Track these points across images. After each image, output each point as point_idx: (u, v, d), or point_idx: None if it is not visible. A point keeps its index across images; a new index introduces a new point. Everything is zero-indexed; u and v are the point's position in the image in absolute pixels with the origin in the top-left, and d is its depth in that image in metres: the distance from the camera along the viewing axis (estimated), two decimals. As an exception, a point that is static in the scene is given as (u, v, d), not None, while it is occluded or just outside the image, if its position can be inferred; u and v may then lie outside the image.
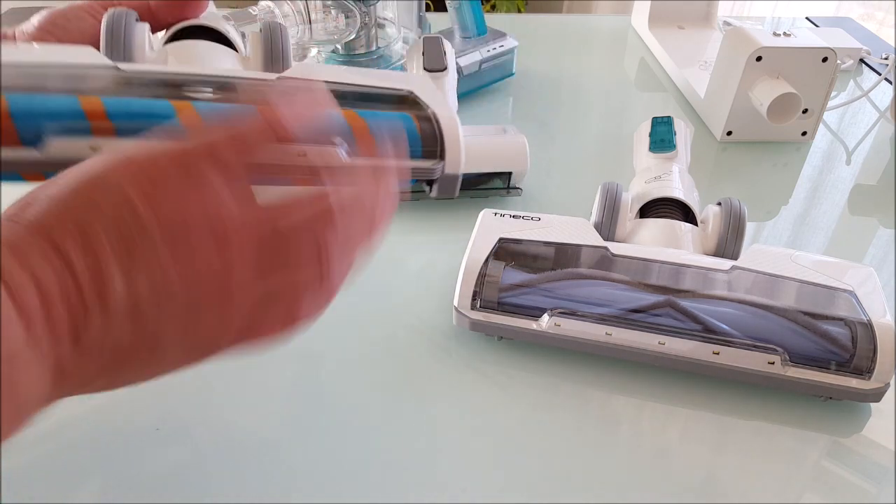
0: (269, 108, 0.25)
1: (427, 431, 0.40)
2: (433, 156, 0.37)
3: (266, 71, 0.37)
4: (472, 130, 0.63)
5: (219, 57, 0.36)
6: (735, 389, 0.42)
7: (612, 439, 0.40)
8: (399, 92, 0.38)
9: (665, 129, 0.55)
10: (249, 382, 0.42)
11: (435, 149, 0.37)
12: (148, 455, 0.38)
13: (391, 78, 0.39)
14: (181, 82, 0.33)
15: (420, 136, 0.37)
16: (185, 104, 0.33)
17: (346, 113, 0.36)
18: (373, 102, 0.37)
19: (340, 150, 0.32)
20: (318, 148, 0.30)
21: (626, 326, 0.42)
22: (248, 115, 0.25)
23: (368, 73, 0.38)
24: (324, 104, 0.26)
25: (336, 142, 0.32)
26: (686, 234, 0.46)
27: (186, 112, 0.32)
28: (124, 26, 0.35)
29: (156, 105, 0.32)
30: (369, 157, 0.31)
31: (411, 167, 0.37)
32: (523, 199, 0.61)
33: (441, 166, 0.37)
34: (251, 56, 0.38)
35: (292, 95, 0.26)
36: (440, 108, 0.38)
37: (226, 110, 0.32)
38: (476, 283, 0.43)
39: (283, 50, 0.37)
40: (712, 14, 0.96)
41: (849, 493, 0.37)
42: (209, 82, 0.33)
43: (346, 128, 0.35)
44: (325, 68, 0.38)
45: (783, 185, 0.65)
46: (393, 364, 0.44)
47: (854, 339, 0.39)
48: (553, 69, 0.88)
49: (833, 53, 0.65)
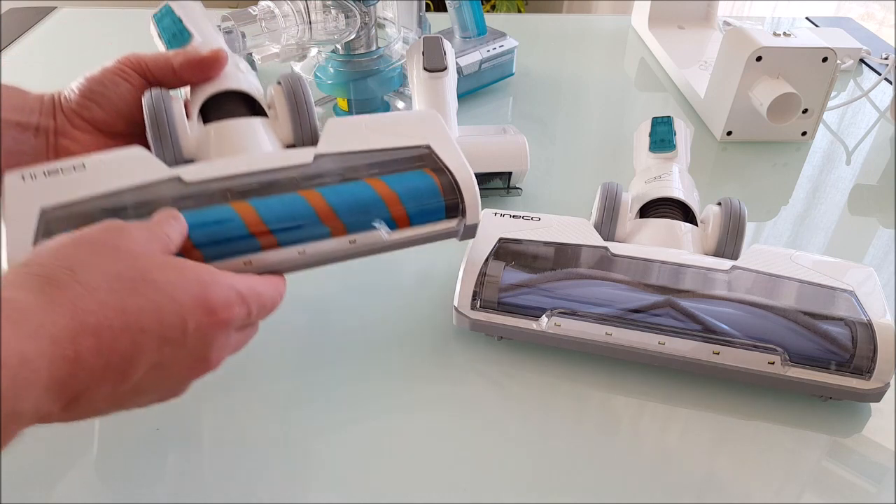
0: None
1: (427, 431, 0.40)
2: (454, 207, 0.41)
3: (294, 128, 0.40)
4: (472, 130, 0.63)
5: (255, 133, 0.40)
6: (735, 389, 0.42)
7: (612, 439, 0.40)
8: (418, 149, 0.41)
9: (665, 129, 0.55)
10: (249, 384, 0.42)
11: (455, 200, 0.41)
12: (148, 455, 0.38)
13: (408, 129, 0.42)
14: (236, 187, 0.38)
15: (441, 192, 0.41)
16: (244, 204, 0.37)
17: (375, 184, 0.39)
18: (394, 161, 0.41)
19: (382, 232, 0.39)
20: (365, 234, 0.38)
21: (626, 326, 0.42)
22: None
23: (385, 126, 0.42)
24: None
25: (376, 225, 0.38)
26: (686, 234, 0.46)
27: (247, 212, 0.37)
28: (165, 114, 0.38)
29: (220, 211, 0.37)
30: (404, 229, 0.40)
31: (439, 230, 0.41)
32: (523, 199, 0.61)
33: (463, 224, 0.41)
34: (279, 113, 0.41)
35: None
36: (455, 163, 0.41)
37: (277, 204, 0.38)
38: (476, 283, 0.43)
39: (307, 104, 0.40)
40: (712, 14, 0.96)
41: (849, 493, 0.37)
42: (258, 179, 0.38)
43: (380, 202, 0.39)
44: (348, 129, 0.41)
45: (783, 185, 0.65)
46: (393, 364, 0.44)
47: (854, 339, 0.39)
48: (553, 69, 0.88)
49: (833, 53, 0.65)
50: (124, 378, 0.28)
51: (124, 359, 0.28)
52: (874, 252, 0.56)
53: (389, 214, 0.39)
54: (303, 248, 0.37)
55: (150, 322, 0.28)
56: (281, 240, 0.37)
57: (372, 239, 0.39)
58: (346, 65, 0.66)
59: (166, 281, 0.29)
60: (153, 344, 0.29)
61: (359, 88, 0.67)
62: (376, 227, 0.38)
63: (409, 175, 0.40)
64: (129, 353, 0.28)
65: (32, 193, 0.35)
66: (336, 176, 0.39)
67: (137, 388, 0.30)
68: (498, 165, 0.59)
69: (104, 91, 0.40)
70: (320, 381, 0.43)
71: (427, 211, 0.40)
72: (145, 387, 0.30)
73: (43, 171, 0.35)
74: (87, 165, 0.36)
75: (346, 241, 0.38)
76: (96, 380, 0.27)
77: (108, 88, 0.40)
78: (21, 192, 0.35)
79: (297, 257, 0.37)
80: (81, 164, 0.36)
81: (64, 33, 0.96)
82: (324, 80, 0.66)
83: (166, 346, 0.29)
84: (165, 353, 0.29)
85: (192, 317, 0.30)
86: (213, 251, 0.36)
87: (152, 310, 0.28)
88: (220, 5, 0.90)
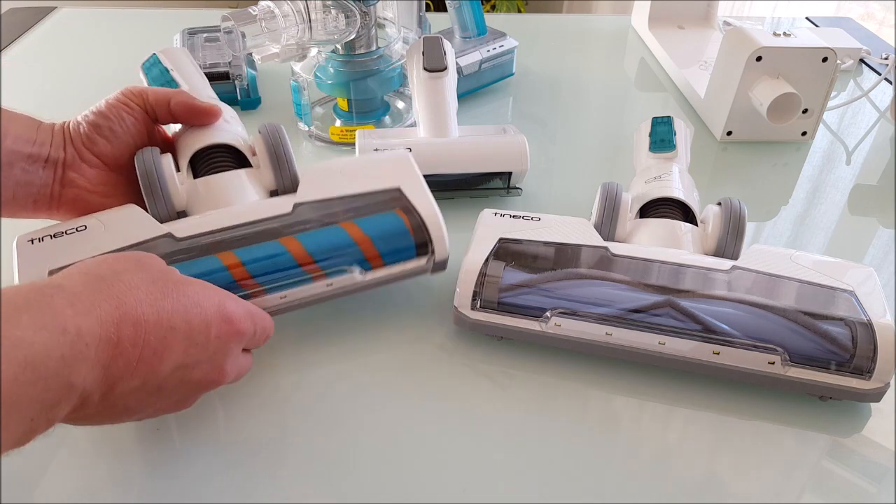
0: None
1: (427, 431, 0.40)
2: (424, 245, 0.44)
3: (275, 176, 0.44)
4: (472, 130, 0.63)
5: (241, 185, 0.44)
6: (735, 389, 0.42)
7: (612, 439, 0.40)
8: (389, 192, 0.45)
9: (665, 129, 0.55)
10: (249, 384, 0.42)
11: (424, 239, 0.44)
12: (148, 455, 0.38)
13: (380, 172, 0.46)
14: (222, 239, 0.42)
15: (410, 232, 0.44)
16: (229, 255, 0.41)
17: (350, 228, 0.43)
18: (367, 205, 0.44)
19: (356, 274, 0.43)
20: (341, 277, 0.42)
21: (626, 326, 0.42)
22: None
23: (359, 171, 0.46)
24: None
25: (350, 269, 0.42)
26: (686, 234, 0.46)
27: (232, 262, 0.41)
28: (157, 174, 0.42)
29: (207, 262, 0.41)
30: (377, 269, 0.43)
31: (410, 269, 0.44)
32: (523, 199, 0.61)
33: (432, 260, 0.45)
34: (261, 161, 0.45)
35: None
36: (422, 202, 0.44)
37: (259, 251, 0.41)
38: (476, 283, 0.43)
39: (286, 154, 0.44)
40: (712, 14, 0.96)
41: (849, 493, 0.37)
42: (242, 231, 0.42)
43: (354, 246, 0.43)
44: (325, 176, 0.45)
45: (783, 185, 0.65)
46: (393, 364, 0.44)
47: (854, 339, 0.39)
48: (553, 69, 0.88)
49: (833, 53, 0.65)
50: (153, 373, 0.31)
51: (155, 353, 0.31)
52: (874, 252, 0.56)
53: (363, 256, 0.43)
54: (284, 294, 0.41)
55: (179, 322, 0.32)
56: (264, 285, 0.41)
57: (348, 281, 0.43)
58: (346, 65, 0.66)
59: (193, 291, 0.33)
60: (181, 344, 0.32)
61: (359, 88, 0.67)
62: (350, 272, 0.42)
63: (380, 217, 0.44)
64: (160, 349, 0.31)
65: (41, 256, 0.39)
66: (314, 222, 0.43)
67: (161, 388, 0.32)
68: (498, 165, 0.59)
69: (111, 126, 0.43)
70: (320, 381, 0.43)
71: (398, 250, 0.44)
72: (167, 389, 0.33)
73: (49, 235, 0.40)
74: (88, 227, 0.40)
75: (324, 285, 0.42)
76: (130, 370, 0.30)
77: (114, 123, 0.43)
78: (31, 255, 0.39)
79: (280, 302, 0.42)
80: (83, 226, 0.40)
81: (64, 33, 0.96)
82: (324, 80, 0.66)
83: (192, 348, 0.32)
84: (190, 355, 0.33)
85: (215, 323, 0.33)
86: None
87: (181, 312, 0.32)
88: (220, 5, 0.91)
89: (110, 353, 0.29)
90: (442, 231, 0.44)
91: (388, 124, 0.71)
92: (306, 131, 0.70)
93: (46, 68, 0.86)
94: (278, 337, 0.45)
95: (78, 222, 0.40)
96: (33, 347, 0.25)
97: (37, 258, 0.39)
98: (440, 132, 0.59)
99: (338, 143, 0.68)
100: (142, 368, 0.30)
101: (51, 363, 0.26)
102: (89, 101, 0.44)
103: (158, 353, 0.31)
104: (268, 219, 0.42)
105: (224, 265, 0.40)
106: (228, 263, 0.40)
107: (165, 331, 0.31)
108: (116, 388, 0.30)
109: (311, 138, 0.70)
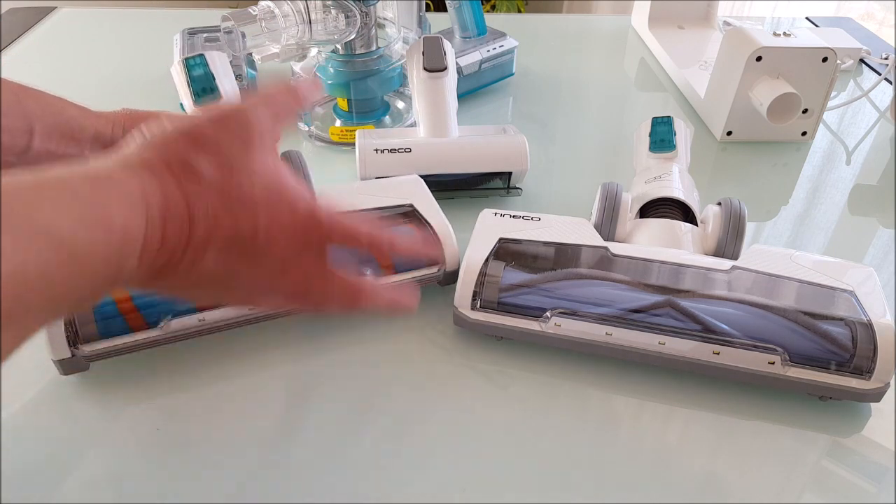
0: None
1: (427, 431, 0.40)
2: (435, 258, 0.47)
3: None
4: (472, 130, 0.63)
5: None
6: (735, 389, 0.42)
7: (612, 439, 0.40)
8: (402, 207, 0.48)
9: (665, 129, 0.55)
10: (248, 383, 0.42)
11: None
12: (148, 455, 0.38)
13: (394, 191, 0.49)
14: None
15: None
16: None
17: None
18: (384, 219, 0.48)
19: (368, 277, 0.44)
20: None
21: (626, 326, 0.42)
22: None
23: (374, 189, 0.49)
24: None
25: (364, 270, 0.45)
26: (686, 234, 0.46)
27: None
28: None
29: None
30: (389, 274, 0.46)
31: (422, 276, 0.47)
32: (523, 199, 0.61)
33: (444, 269, 0.47)
34: None
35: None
36: (436, 219, 0.48)
37: None
38: (476, 283, 0.43)
39: (304, 175, 0.47)
40: (712, 14, 0.96)
41: (849, 493, 0.37)
42: None
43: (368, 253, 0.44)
44: (341, 192, 0.49)
45: (783, 185, 0.65)
46: (393, 364, 0.44)
47: (854, 339, 0.39)
48: (553, 69, 0.88)
49: (833, 53, 0.65)
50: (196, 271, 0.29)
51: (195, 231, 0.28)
52: (874, 252, 0.56)
53: (377, 264, 0.45)
54: None
55: (223, 214, 0.29)
56: None
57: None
58: (346, 65, 0.66)
59: (250, 184, 0.30)
60: (223, 231, 0.29)
61: (359, 88, 0.67)
62: (364, 273, 0.44)
63: (395, 230, 0.45)
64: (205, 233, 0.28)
65: None
66: None
67: (213, 277, 0.30)
68: (498, 165, 0.59)
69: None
70: (320, 381, 0.43)
71: (410, 261, 0.46)
72: (220, 277, 0.30)
73: None
74: None
75: None
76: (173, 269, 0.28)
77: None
78: None
79: None
80: None
81: (64, 33, 0.96)
82: (324, 80, 0.66)
83: (236, 244, 0.29)
84: (234, 249, 0.29)
85: (265, 212, 0.30)
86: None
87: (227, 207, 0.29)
88: (220, 5, 0.91)
89: (153, 247, 0.27)
90: (453, 243, 0.46)
91: (388, 124, 0.71)
92: (306, 131, 0.70)
93: (46, 68, 0.85)
94: (277, 336, 0.45)
95: None
96: (75, 244, 0.23)
97: None
98: (440, 132, 0.59)
99: (338, 143, 0.68)
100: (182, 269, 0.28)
101: (94, 261, 0.24)
102: (89, 101, 0.44)
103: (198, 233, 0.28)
104: None
105: None
106: None
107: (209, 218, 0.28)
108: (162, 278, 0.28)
109: (311, 138, 0.70)
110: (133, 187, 0.26)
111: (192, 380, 0.42)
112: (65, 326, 0.39)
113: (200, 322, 0.42)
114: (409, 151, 0.56)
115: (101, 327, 0.40)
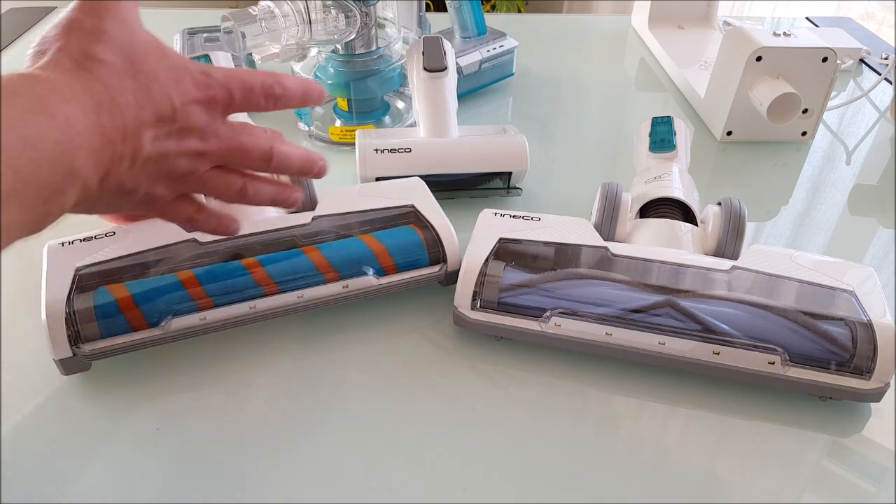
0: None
1: (427, 431, 0.40)
2: (437, 257, 0.47)
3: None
4: (472, 130, 0.63)
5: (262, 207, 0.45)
6: (735, 389, 0.42)
7: (612, 439, 0.40)
8: (403, 208, 0.48)
9: (665, 129, 0.55)
10: (248, 381, 0.42)
11: (438, 251, 0.47)
12: (148, 455, 0.38)
13: (395, 193, 0.50)
14: (242, 244, 0.45)
15: (424, 244, 0.47)
16: (252, 261, 0.44)
17: (367, 239, 0.46)
18: (383, 219, 0.48)
19: (371, 276, 0.45)
20: (357, 280, 0.45)
21: (626, 326, 0.42)
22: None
23: (375, 191, 0.50)
24: None
25: (366, 271, 0.45)
26: (686, 234, 0.46)
27: (254, 267, 0.44)
28: None
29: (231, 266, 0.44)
30: (392, 275, 0.46)
31: (424, 275, 0.47)
32: (523, 199, 0.61)
33: (445, 268, 0.47)
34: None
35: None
36: (438, 220, 0.48)
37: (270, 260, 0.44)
38: (476, 283, 0.43)
39: (306, 178, 0.47)
40: (712, 14, 0.96)
41: (849, 493, 0.37)
42: (260, 239, 0.46)
43: (370, 253, 0.46)
44: (343, 195, 0.49)
45: (783, 185, 0.65)
46: (393, 364, 0.44)
47: (854, 339, 0.39)
48: (553, 69, 0.88)
49: (833, 53, 0.65)
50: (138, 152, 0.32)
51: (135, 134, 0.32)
52: (874, 252, 0.56)
53: (379, 264, 0.46)
54: (301, 293, 0.44)
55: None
56: (281, 287, 0.43)
57: (363, 283, 0.45)
58: (346, 65, 0.66)
59: (146, 61, 0.33)
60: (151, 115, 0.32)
61: (359, 88, 0.67)
62: (366, 273, 0.45)
63: (396, 230, 0.48)
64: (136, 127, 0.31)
65: (68, 256, 0.41)
66: (332, 234, 0.47)
67: (150, 162, 0.33)
68: (498, 165, 0.59)
69: None
70: (319, 381, 0.43)
71: (412, 261, 0.47)
72: (153, 162, 0.33)
73: (79, 239, 0.43)
74: (117, 233, 0.43)
75: (340, 287, 0.45)
76: (118, 155, 0.31)
77: None
78: (59, 256, 0.41)
79: (297, 301, 0.44)
80: (112, 232, 0.44)
81: (64, 33, 0.95)
82: (324, 80, 0.66)
83: (163, 123, 0.32)
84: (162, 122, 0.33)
85: (172, 85, 0.33)
86: (223, 299, 0.42)
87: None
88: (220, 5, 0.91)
89: (98, 140, 0.29)
90: (455, 244, 0.47)
91: (388, 124, 0.71)
92: (306, 131, 0.70)
93: (46, 68, 0.85)
94: (277, 336, 0.45)
95: (107, 228, 0.44)
96: (27, 128, 0.26)
97: (64, 258, 0.41)
98: (440, 132, 0.59)
99: (338, 143, 0.68)
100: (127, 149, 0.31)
101: (46, 146, 0.27)
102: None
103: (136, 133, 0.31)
104: (287, 228, 0.45)
105: (246, 268, 0.43)
106: (250, 267, 0.43)
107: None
108: (111, 175, 0.31)
109: (311, 138, 0.70)
110: (61, 85, 0.29)
111: (193, 379, 0.42)
112: (66, 325, 0.39)
113: (201, 321, 0.42)
114: (409, 151, 0.56)
115: (103, 326, 0.40)
